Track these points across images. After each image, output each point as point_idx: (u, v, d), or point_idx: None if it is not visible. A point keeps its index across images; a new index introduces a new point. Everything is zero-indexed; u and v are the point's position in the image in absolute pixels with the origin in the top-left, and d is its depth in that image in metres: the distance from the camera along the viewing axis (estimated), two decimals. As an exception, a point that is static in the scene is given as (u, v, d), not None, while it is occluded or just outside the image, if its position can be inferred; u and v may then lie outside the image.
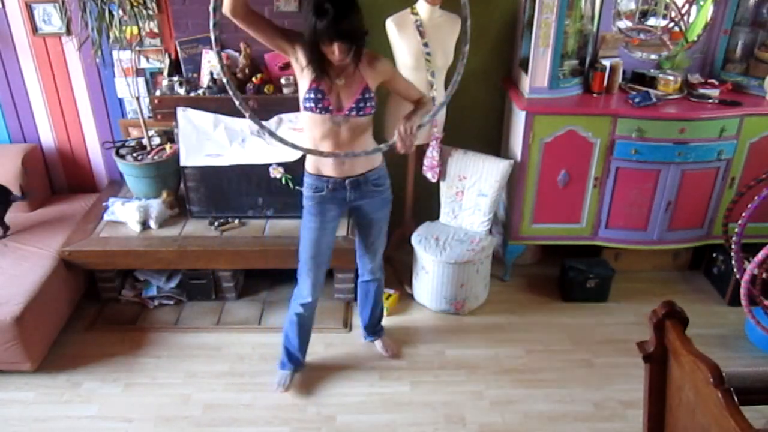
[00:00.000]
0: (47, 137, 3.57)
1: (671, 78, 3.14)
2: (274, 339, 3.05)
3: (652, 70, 3.26)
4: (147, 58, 3.34)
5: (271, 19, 3.03)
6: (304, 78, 2.19)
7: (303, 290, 2.59)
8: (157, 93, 3.08)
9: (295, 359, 2.74)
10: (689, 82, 3.22)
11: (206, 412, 2.64)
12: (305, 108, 2.23)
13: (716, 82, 3.22)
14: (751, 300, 2.59)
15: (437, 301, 3.21)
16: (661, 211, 3.17)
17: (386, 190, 2.50)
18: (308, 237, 2.48)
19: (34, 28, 3.25)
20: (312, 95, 2.18)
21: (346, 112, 2.21)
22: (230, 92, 2.09)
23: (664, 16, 3.32)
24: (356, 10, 2.00)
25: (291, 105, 2.99)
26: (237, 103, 2.11)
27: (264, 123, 2.29)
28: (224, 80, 2.10)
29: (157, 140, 3.37)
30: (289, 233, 3.15)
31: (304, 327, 2.68)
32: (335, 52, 2.01)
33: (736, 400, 1.45)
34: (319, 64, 2.09)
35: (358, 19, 2.02)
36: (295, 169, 3.08)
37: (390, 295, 3.25)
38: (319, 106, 2.19)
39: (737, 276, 2.75)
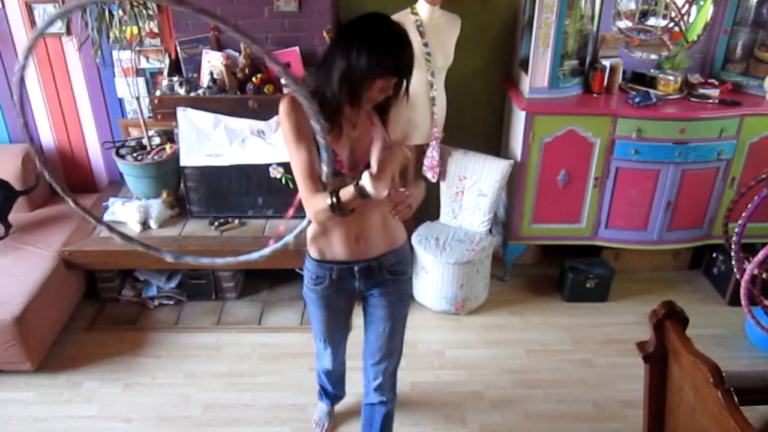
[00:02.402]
0: (47, 137, 3.57)
1: (671, 78, 3.14)
2: (274, 339, 3.05)
3: (652, 70, 3.26)
4: (147, 58, 3.34)
5: (271, 19, 3.07)
6: None
7: (323, 359, 2.29)
8: (157, 93, 3.08)
9: (332, 395, 2.54)
10: (689, 82, 3.21)
11: (206, 412, 2.64)
12: None
13: (716, 82, 3.22)
14: (751, 300, 2.59)
15: (437, 301, 3.20)
16: (661, 211, 3.17)
17: (406, 281, 2.02)
18: (317, 327, 2.12)
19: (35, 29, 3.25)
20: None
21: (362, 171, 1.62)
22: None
23: (664, 16, 3.32)
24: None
25: (291, 105, 2.99)
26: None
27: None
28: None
29: (157, 140, 3.37)
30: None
31: (334, 378, 2.46)
32: (388, 88, 1.66)
33: (736, 400, 1.45)
34: (336, 114, 1.68)
35: None
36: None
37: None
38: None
39: (737, 276, 2.75)
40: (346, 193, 1.61)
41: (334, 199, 1.61)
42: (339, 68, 1.61)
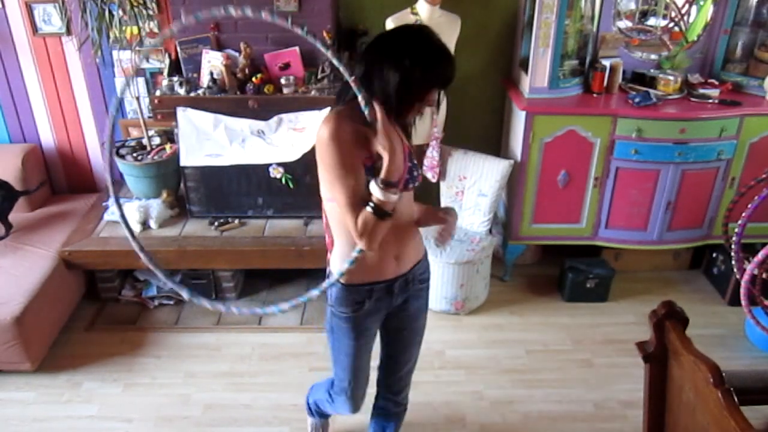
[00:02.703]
0: (47, 137, 3.57)
1: (671, 78, 3.14)
2: (274, 339, 3.05)
3: (652, 70, 3.26)
4: (147, 58, 3.34)
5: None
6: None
7: (340, 407, 2.18)
8: (157, 93, 3.08)
9: (327, 415, 2.48)
10: (689, 82, 3.22)
11: (206, 412, 2.64)
12: None
13: (716, 82, 3.22)
14: (751, 300, 2.59)
15: (437, 301, 3.20)
16: (661, 211, 3.17)
17: (428, 287, 2.03)
18: (346, 364, 2.00)
19: (34, 28, 3.25)
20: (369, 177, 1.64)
21: (401, 185, 1.65)
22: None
23: (664, 16, 3.32)
24: None
25: (291, 105, 3.00)
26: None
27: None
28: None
29: (157, 140, 3.37)
30: (289, 233, 3.16)
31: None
32: (433, 100, 1.70)
33: (736, 400, 1.45)
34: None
35: None
36: (295, 169, 3.08)
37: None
38: None
39: (737, 276, 2.75)
40: (374, 191, 1.58)
41: (372, 204, 1.58)
42: (392, 81, 1.58)
